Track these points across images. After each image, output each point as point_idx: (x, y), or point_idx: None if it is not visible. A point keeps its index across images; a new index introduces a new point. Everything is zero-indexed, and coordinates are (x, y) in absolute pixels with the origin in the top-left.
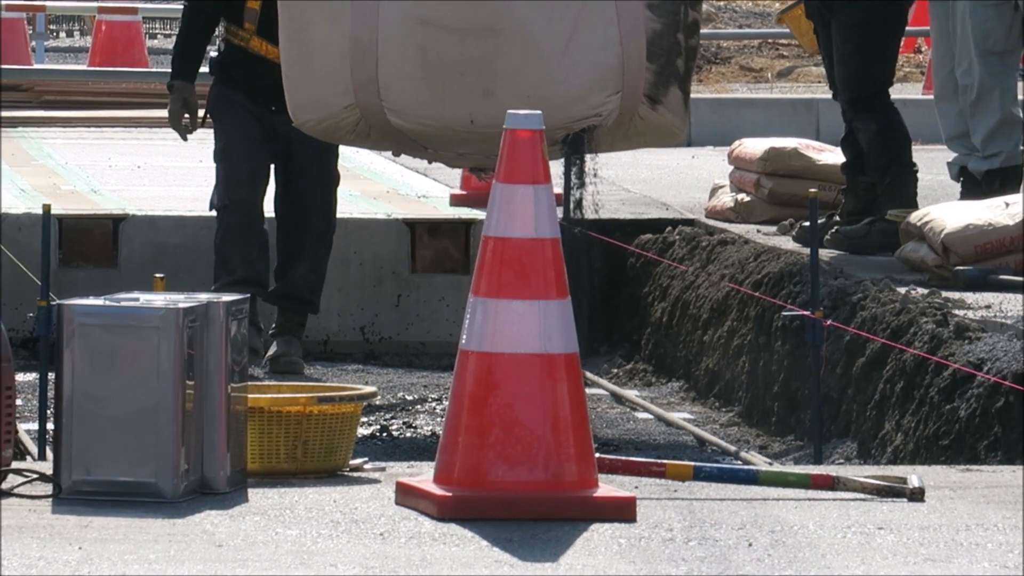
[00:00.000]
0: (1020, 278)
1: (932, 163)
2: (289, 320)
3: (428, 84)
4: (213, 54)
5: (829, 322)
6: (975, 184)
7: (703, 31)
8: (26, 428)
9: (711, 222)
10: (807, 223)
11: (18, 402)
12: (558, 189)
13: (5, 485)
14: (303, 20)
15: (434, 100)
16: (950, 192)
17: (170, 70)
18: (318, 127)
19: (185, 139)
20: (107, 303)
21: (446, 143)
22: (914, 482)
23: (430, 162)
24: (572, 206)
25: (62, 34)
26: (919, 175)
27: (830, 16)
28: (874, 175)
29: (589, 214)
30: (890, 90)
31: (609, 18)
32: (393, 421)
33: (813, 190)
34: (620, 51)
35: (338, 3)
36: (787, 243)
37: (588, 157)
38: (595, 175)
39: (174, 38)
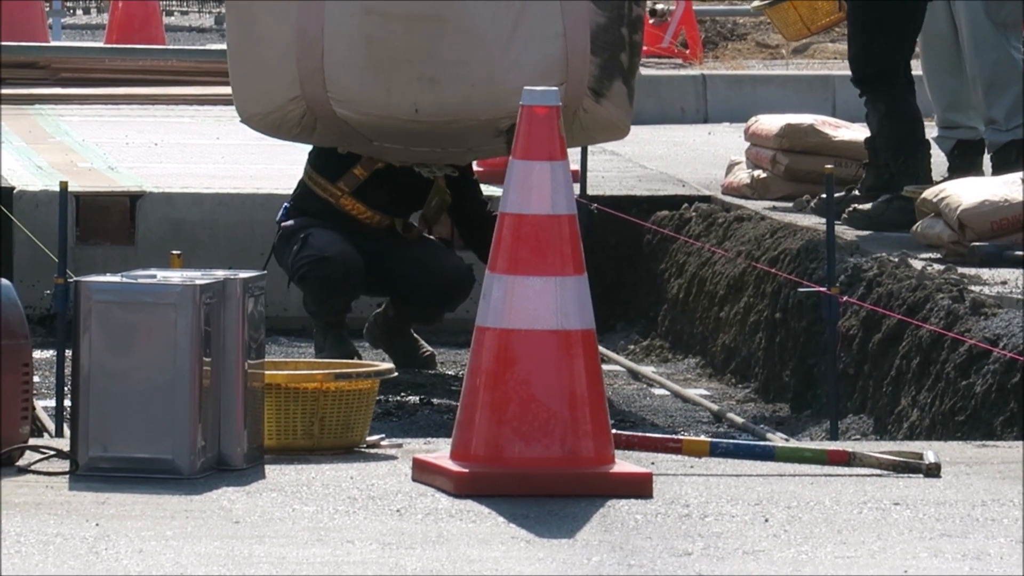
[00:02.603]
0: None
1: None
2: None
3: (374, 73)
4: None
5: (845, 298)
6: (991, 155)
7: (719, 7)
8: (43, 405)
9: (727, 199)
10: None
11: (35, 379)
12: (575, 166)
13: (22, 462)
14: (251, 13)
15: (380, 89)
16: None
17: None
18: (264, 121)
19: None
20: (124, 280)
21: (391, 135)
22: (930, 458)
23: (376, 157)
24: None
25: (79, 11)
26: (931, 151)
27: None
28: (887, 154)
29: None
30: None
31: (553, 10)
32: (410, 397)
33: (829, 166)
34: (564, 43)
35: None
36: (803, 219)
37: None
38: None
39: (191, 15)
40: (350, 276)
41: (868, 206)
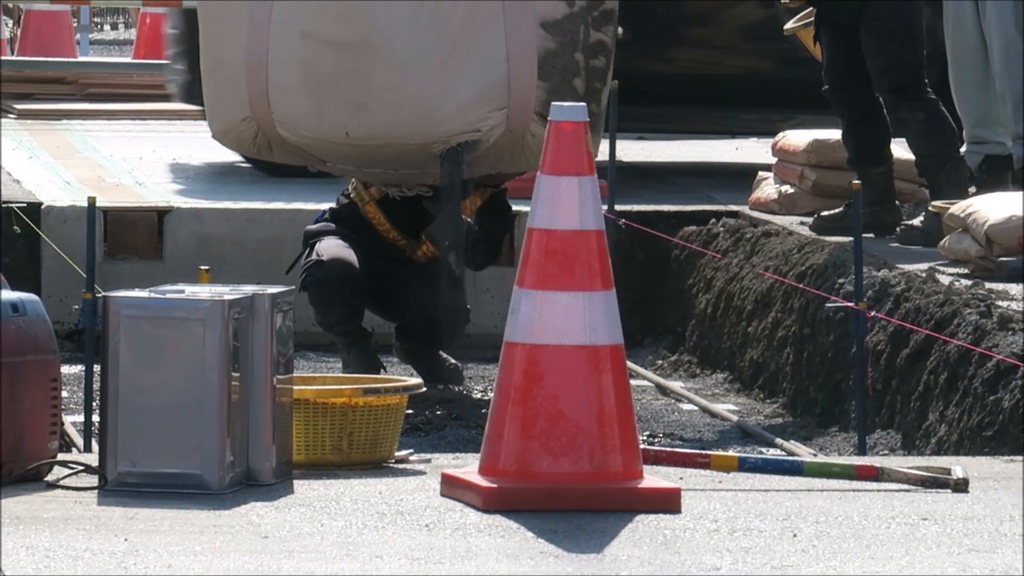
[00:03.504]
0: None
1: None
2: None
3: (308, 97)
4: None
5: (873, 313)
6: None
7: None
8: (72, 420)
9: (755, 214)
10: (825, 212)
11: (64, 394)
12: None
13: (51, 477)
14: (212, 35)
15: (313, 113)
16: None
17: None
18: (225, 138)
19: None
20: (152, 295)
21: (337, 157)
22: (958, 473)
23: (340, 176)
24: (450, 242)
25: (106, 27)
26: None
27: (854, 19)
28: (930, 167)
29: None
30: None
31: (497, 35)
32: (438, 412)
33: (856, 181)
34: (507, 68)
35: (240, 17)
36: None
37: (466, 171)
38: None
39: None
40: (344, 283)
41: (918, 221)
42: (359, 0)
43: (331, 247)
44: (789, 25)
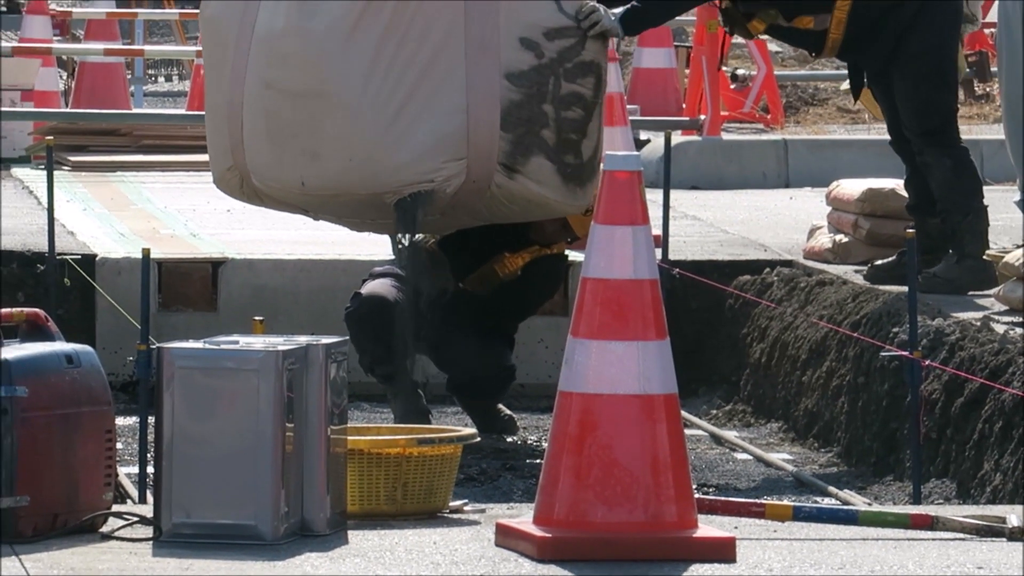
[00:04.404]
0: None
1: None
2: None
3: (271, 146)
4: None
5: (927, 362)
6: None
7: (800, 72)
8: (126, 472)
9: (809, 263)
10: (879, 261)
11: (118, 446)
12: (656, 231)
13: (106, 528)
14: (209, 80)
15: (275, 162)
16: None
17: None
18: (220, 187)
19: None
20: (206, 346)
21: (301, 206)
22: (1013, 521)
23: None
24: (396, 288)
25: (160, 78)
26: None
27: (880, 64)
28: (953, 215)
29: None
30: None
31: (458, 86)
32: (493, 463)
33: (911, 230)
34: (466, 119)
35: (225, 64)
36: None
37: (418, 223)
38: (427, 245)
39: None
40: (374, 315)
41: (939, 269)
42: (315, 51)
43: (375, 284)
44: (843, 86)
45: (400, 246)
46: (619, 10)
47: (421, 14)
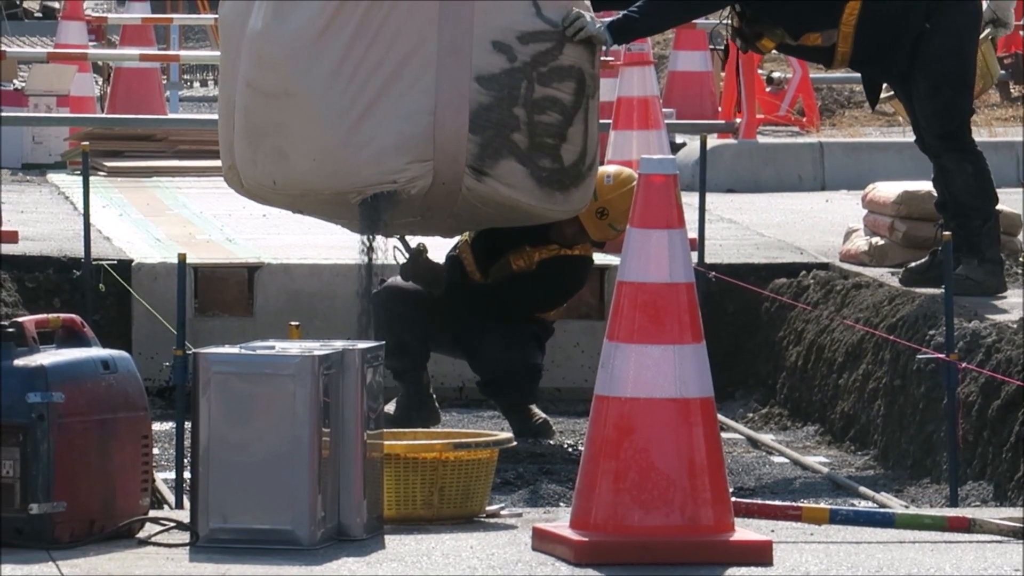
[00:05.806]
0: None
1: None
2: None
3: (248, 146)
4: None
5: (964, 365)
6: None
7: (836, 75)
8: (163, 477)
9: (845, 266)
10: (912, 264)
11: (155, 451)
12: (692, 234)
13: (143, 534)
14: (221, 83)
15: (251, 161)
16: None
17: None
18: (229, 184)
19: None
20: (243, 351)
21: (280, 204)
22: None
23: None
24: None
25: (196, 83)
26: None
27: (897, 69)
28: (974, 219)
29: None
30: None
31: (426, 88)
32: (529, 467)
33: (947, 233)
34: (432, 120)
35: (228, 67)
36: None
37: (382, 224)
38: (390, 246)
39: None
40: (392, 303)
41: (964, 271)
42: (285, 51)
43: (397, 278)
44: (883, 95)
45: (365, 246)
46: (610, 18)
47: (394, 16)
